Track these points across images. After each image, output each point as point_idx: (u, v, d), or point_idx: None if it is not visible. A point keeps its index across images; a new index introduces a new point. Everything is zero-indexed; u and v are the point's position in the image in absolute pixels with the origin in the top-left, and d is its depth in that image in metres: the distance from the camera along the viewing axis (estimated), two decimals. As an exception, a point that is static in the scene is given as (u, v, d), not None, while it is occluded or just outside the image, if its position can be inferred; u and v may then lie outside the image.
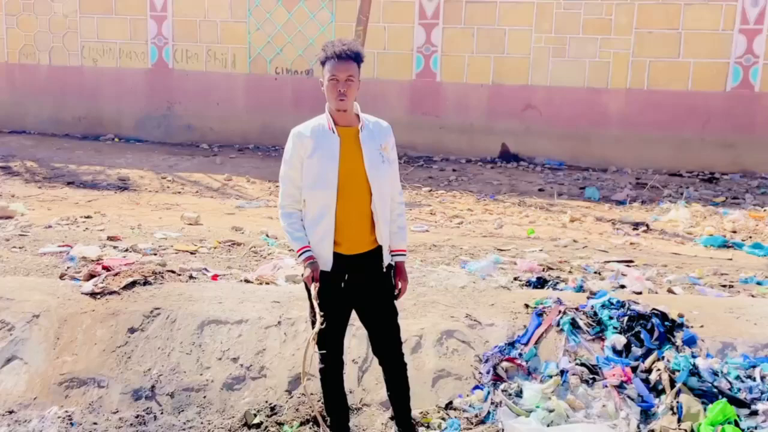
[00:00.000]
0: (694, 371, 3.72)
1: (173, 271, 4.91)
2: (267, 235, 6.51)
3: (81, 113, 12.05)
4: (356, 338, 4.04)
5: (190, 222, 6.96)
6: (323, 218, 3.10)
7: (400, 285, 3.27)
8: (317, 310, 3.05)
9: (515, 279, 5.00)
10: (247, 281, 4.87)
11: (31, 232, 6.25)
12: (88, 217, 7.09)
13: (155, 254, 5.69)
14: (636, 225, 7.49)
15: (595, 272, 5.48)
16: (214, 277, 4.93)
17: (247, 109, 11.62)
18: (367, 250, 3.18)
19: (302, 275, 3.20)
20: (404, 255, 3.30)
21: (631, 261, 5.98)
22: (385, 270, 3.24)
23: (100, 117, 12.03)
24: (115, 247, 5.80)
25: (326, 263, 3.15)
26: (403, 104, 10.89)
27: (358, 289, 3.20)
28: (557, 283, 4.90)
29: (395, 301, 3.30)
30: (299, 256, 3.18)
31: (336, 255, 3.14)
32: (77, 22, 11.86)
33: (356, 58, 3.05)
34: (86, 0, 11.77)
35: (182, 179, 9.36)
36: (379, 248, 3.19)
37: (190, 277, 4.90)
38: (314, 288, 3.09)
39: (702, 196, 9.01)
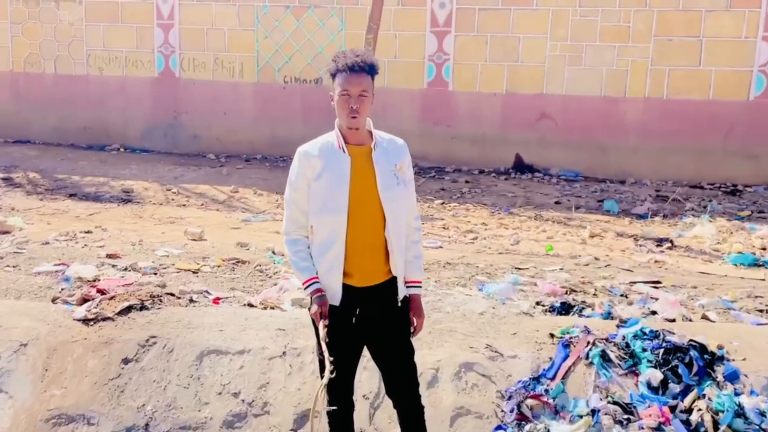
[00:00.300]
0: (739, 412, 3.39)
1: (172, 294, 4.63)
2: (273, 252, 6.21)
3: (86, 123, 11.83)
4: (367, 371, 3.73)
5: (194, 237, 6.68)
6: (332, 246, 2.80)
7: (415, 322, 2.96)
8: (326, 354, 2.75)
9: (537, 303, 4.67)
10: (250, 305, 4.57)
11: (27, 248, 5.98)
12: (88, 232, 6.82)
13: (155, 273, 5.41)
14: (659, 241, 7.15)
15: (622, 295, 5.15)
16: (216, 301, 4.63)
17: (255, 118, 11.36)
18: (381, 281, 2.87)
19: (309, 309, 2.90)
20: (420, 287, 3.00)
21: (658, 282, 5.64)
22: (400, 304, 2.95)
23: (106, 127, 11.81)
24: (113, 266, 5.51)
25: (335, 296, 2.85)
26: (415, 114, 10.60)
27: (370, 324, 2.90)
28: (583, 308, 4.57)
29: (411, 339, 2.99)
30: (305, 288, 2.88)
31: (346, 287, 2.84)
32: (83, 31, 11.65)
33: (370, 70, 2.77)
34: (92, 8, 11.56)
35: (187, 191, 9.09)
36: (394, 279, 2.89)
37: (191, 300, 4.61)
38: (322, 327, 2.78)
39: (726, 209, 8.66)
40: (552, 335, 4.04)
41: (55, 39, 11.78)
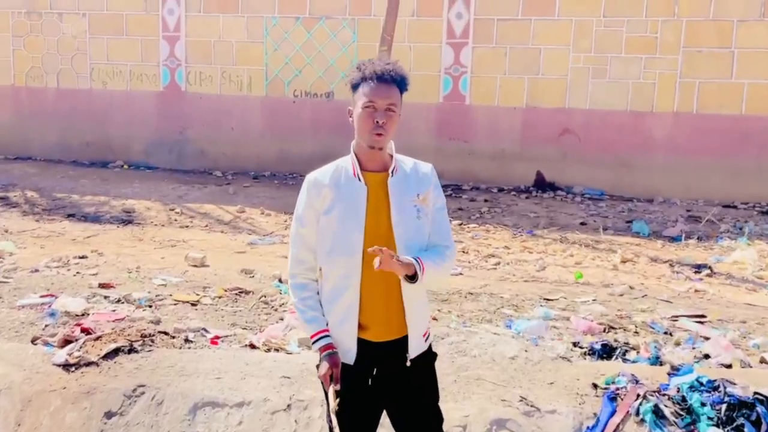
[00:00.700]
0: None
1: (166, 333, 4.15)
2: (280, 281, 5.73)
3: (89, 138, 11.45)
4: (383, 429, 3.23)
5: (195, 263, 6.21)
6: (344, 294, 2.35)
7: (402, 260, 2.28)
8: (335, 424, 2.26)
9: (575, 345, 4.16)
10: (252, 346, 4.08)
11: (15, 277, 5.53)
12: (82, 257, 6.36)
13: (150, 306, 4.94)
14: (697, 267, 6.61)
15: (666, 332, 4.63)
16: (214, 341, 4.15)
17: (264, 134, 10.94)
18: (402, 335, 2.39)
19: (317, 368, 2.41)
20: (419, 267, 2.31)
21: (703, 316, 5.11)
22: (425, 361, 2.46)
23: (109, 142, 11.42)
24: (105, 297, 5.05)
25: (348, 353, 2.37)
26: (430, 129, 10.12)
27: (389, 386, 2.41)
28: (626, 350, 4.05)
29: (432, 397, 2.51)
30: (314, 343, 2.40)
31: (361, 342, 2.37)
32: (86, 43, 11.30)
33: (401, 83, 2.35)
34: (96, 20, 11.21)
35: (191, 211, 8.64)
36: (414, 333, 2.42)
37: (186, 340, 4.13)
38: (332, 392, 2.29)
39: (763, 231, 8.10)
40: (595, 385, 3.53)
41: (57, 52, 11.42)
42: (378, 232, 2.34)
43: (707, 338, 4.47)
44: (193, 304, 5.04)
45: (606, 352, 4.00)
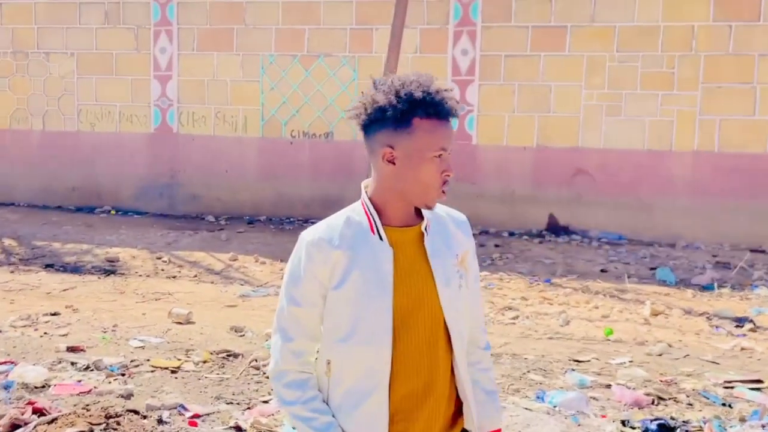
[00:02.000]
0: None
1: (136, 412, 3.49)
2: (274, 341, 5.07)
3: (75, 183, 10.87)
4: None
5: (180, 320, 5.56)
6: (367, 398, 1.69)
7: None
8: None
9: (624, 423, 3.49)
10: (238, 429, 3.41)
11: (-27, 339, 4.88)
12: (54, 314, 5.72)
13: (123, 374, 4.28)
14: (738, 321, 5.97)
15: (724, 404, 3.96)
16: (193, 422, 3.48)
17: (260, 176, 10.37)
18: None
19: None
20: None
21: (760, 381, 4.46)
22: None
23: (97, 187, 10.83)
24: (72, 364, 4.41)
25: None
26: (435, 170, 9.55)
27: None
28: (687, 431, 3.38)
29: None
30: None
31: None
32: (74, 84, 10.80)
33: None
34: (84, 60, 10.74)
35: (180, 260, 8.01)
36: None
37: (159, 421, 3.47)
38: None
39: (800, 278, 7.48)
40: (660, 482, 2.87)
41: (44, 93, 10.92)
42: (415, 311, 1.71)
43: (775, 411, 3.81)
44: (173, 371, 4.40)
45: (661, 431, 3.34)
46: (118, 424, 3.30)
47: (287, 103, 10.15)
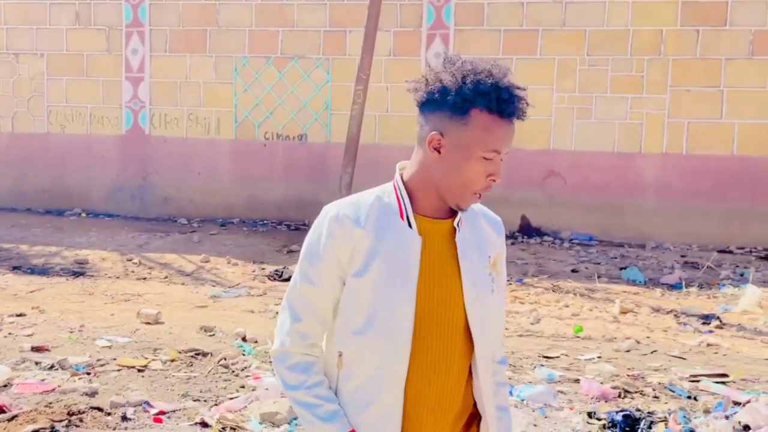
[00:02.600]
0: None
1: (100, 409, 3.45)
2: (243, 340, 5.04)
3: (45, 185, 10.72)
4: None
5: (148, 320, 5.49)
6: (378, 398, 1.58)
7: None
8: None
9: (590, 415, 3.52)
10: (204, 425, 3.38)
11: (-66, 340, 4.78)
12: (19, 315, 5.62)
13: (89, 373, 4.22)
14: (705, 318, 6.05)
15: (689, 397, 4.02)
16: (158, 418, 3.44)
17: (233, 178, 10.31)
18: None
19: None
20: None
21: (725, 375, 4.52)
22: None
23: (67, 189, 10.69)
24: (36, 363, 4.33)
25: None
26: (409, 172, 9.57)
27: None
28: (652, 422, 3.42)
29: None
30: None
31: None
32: (44, 85, 10.67)
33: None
34: (55, 61, 10.61)
35: (151, 261, 7.92)
36: None
37: (123, 417, 3.43)
38: None
39: (765, 277, 7.61)
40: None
41: (13, 94, 10.77)
42: (438, 308, 1.58)
43: (737, 403, 3.87)
44: (139, 370, 4.34)
45: (629, 424, 3.37)
46: (81, 420, 3.25)
47: (261, 105, 10.12)
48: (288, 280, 7.17)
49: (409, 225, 1.58)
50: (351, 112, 8.52)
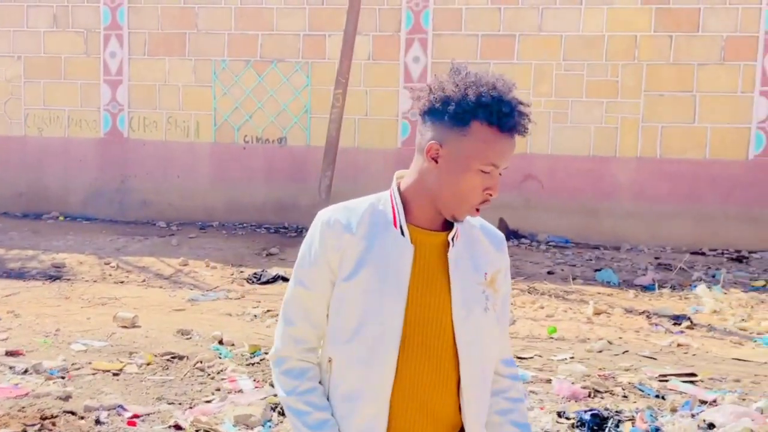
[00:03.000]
0: None
1: (73, 413, 3.46)
2: (220, 343, 5.07)
3: (22, 189, 10.64)
4: None
5: (125, 324, 5.50)
6: (365, 407, 1.57)
7: None
8: None
9: (560, 415, 3.59)
10: (177, 428, 3.41)
11: None
12: (-6, 319, 5.60)
13: (63, 377, 4.23)
14: (676, 319, 6.16)
15: (658, 396, 4.11)
16: (132, 422, 3.46)
17: (212, 182, 10.30)
18: None
19: None
20: None
21: (693, 374, 4.63)
22: None
23: (45, 192, 10.63)
24: (10, 368, 4.33)
25: None
26: (388, 176, 9.45)
27: None
28: (620, 420, 3.51)
29: None
30: None
31: None
32: (21, 88, 10.60)
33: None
34: (32, 63, 10.55)
35: (129, 265, 7.91)
36: None
37: (97, 421, 3.45)
38: None
39: (737, 279, 7.75)
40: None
41: (-10, 97, 10.69)
42: (426, 320, 1.57)
43: (704, 401, 3.97)
44: (115, 374, 4.36)
45: (597, 423, 3.45)
46: (54, 425, 3.27)
47: (240, 109, 10.13)
48: (267, 283, 7.23)
49: (402, 233, 1.57)
50: (330, 116, 8.56)
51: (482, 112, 1.52)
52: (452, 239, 1.59)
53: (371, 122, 9.74)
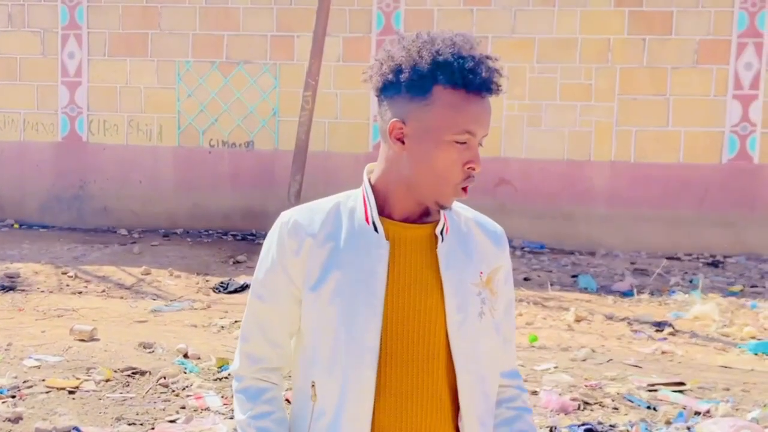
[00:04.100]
0: None
1: (22, 438, 3.13)
2: (185, 356, 4.76)
3: (-26, 195, 10.14)
4: None
5: (82, 337, 5.14)
6: (342, 426, 1.35)
7: None
8: None
9: (552, 430, 3.37)
10: (139, 452, 3.11)
11: None
12: (-61, 334, 5.20)
13: (14, 396, 3.88)
14: (658, 325, 6.03)
15: (649, 407, 3.92)
16: (88, 446, 3.15)
17: (176, 187, 9.93)
18: None
19: None
20: None
21: (682, 383, 4.46)
22: None
23: (-2, 199, 10.14)
24: (-46, 387, 3.96)
25: None
26: (359, 181, 9.35)
27: None
28: (614, 436, 3.30)
29: None
30: None
31: None
32: (-27, 89, 10.11)
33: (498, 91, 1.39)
34: (-15, 64, 10.07)
35: (88, 274, 7.52)
36: None
37: (49, 446, 3.12)
38: None
39: (714, 284, 7.68)
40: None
41: (-61, 99, 10.17)
42: (407, 329, 1.35)
43: (697, 413, 3.79)
44: (70, 392, 4.03)
45: (591, 438, 3.24)
46: (0, 451, 2.95)
47: (205, 112, 9.79)
48: (234, 292, 6.92)
49: (377, 230, 1.37)
50: (299, 119, 8.30)
51: (442, 73, 1.30)
52: (441, 233, 1.38)
53: (342, 125, 9.49)
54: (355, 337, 1.34)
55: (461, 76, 1.30)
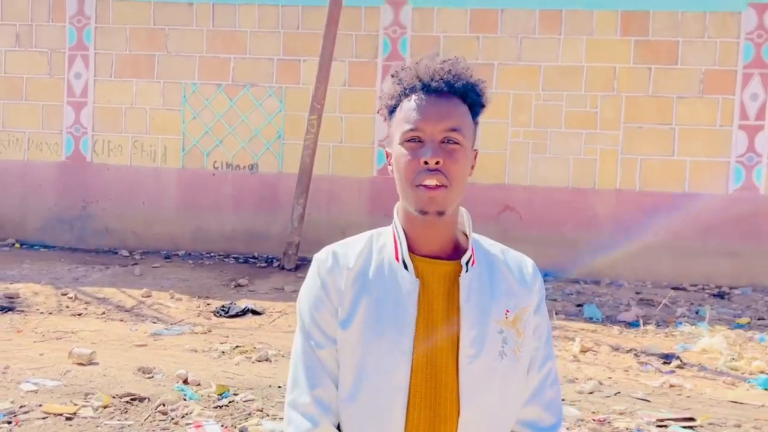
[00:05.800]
0: None
1: (17, 467, 3.04)
2: (185, 382, 4.67)
3: (-24, 213, 10.10)
4: None
5: (81, 361, 5.06)
6: None
7: None
8: None
9: (560, 468, 3.28)
10: (137, 484, 3.02)
11: None
12: (-65, 355, 5.12)
13: (10, 422, 3.80)
14: (665, 357, 5.93)
15: (659, 443, 3.83)
16: (84, 477, 3.06)
17: (179, 209, 9.89)
18: None
19: None
20: None
21: (692, 419, 4.37)
22: None
23: (0, 218, 10.09)
24: (-51, 412, 3.88)
25: None
26: (363, 205, 9.34)
27: None
28: (626, 474, 3.21)
29: None
30: None
31: None
32: (-21, 108, 10.12)
33: (465, 91, 1.42)
34: (-9, 83, 10.10)
35: (87, 296, 7.44)
36: None
37: (44, 477, 3.03)
38: None
39: (720, 315, 7.58)
40: None
41: (-55, 117, 10.18)
42: (436, 365, 1.33)
43: (710, 450, 3.70)
44: (68, 418, 3.94)
45: (603, 477, 3.14)
46: (-6, 481, 2.86)
47: (210, 133, 9.78)
48: (235, 316, 6.84)
49: (407, 267, 1.35)
50: (304, 142, 8.30)
51: (407, 88, 1.39)
52: (466, 263, 1.38)
53: (346, 149, 9.47)
54: (386, 375, 1.31)
55: (420, 82, 1.36)
